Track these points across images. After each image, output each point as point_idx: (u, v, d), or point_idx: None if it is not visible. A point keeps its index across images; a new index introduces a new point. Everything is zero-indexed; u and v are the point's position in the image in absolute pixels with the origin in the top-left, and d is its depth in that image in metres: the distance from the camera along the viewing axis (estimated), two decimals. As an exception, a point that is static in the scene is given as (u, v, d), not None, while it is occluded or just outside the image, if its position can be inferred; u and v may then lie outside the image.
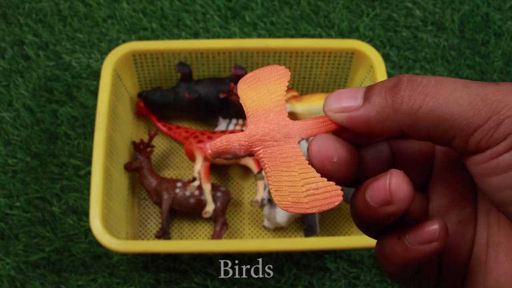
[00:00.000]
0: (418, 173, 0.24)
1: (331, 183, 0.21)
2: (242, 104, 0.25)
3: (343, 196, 0.21)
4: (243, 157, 0.24)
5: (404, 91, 0.20)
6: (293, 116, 0.79)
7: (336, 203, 0.21)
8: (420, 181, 0.24)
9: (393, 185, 0.20)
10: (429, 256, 0.21)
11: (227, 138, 0.23)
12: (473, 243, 0.23)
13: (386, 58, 0.89)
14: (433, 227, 0.21)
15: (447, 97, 0.19)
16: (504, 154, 0.19)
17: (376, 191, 0.20)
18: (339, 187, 0.21)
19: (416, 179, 0.24)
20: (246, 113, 0.24)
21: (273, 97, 0.25)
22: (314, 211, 0.21)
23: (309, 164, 0.22)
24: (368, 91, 0.21)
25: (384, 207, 0.20)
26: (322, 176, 0.21)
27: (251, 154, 0.24)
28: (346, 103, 0.22)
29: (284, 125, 0.23)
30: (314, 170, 0.22)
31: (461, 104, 0.19)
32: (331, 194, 0.21)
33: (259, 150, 0.23)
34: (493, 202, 0.20)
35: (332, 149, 0.21)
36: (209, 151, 0.24)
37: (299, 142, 0.23)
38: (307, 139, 0.64)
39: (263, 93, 0.25)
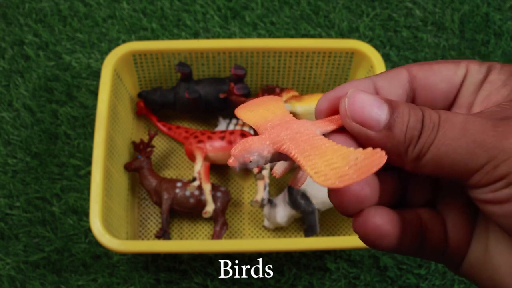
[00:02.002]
0: (426, 190, 0.25)
1: (369, 148, 0.21)
2: (248, 123, 0.24)
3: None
4: (266, 159, 0.23)
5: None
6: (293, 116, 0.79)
7: (382, 163, 0.20)
8: (428, 198, 0.25)
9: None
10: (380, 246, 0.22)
11: (245, 140, 0.23)
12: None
13: (386, 58, 0.89)
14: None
15: (447, 146, 0.21)
16: (502, 190, 0.20)
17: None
18: (379, 149, 0.21)
19: (425, 196, 0.25)
20: (255, 128, 0.24)
21: (277, 112, 0.24)
22: (362, 177, 0.20)
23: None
24: (393, 115, 0.22)
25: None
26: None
27: (273, 159, 0.23)
28: (369, 119, 0.22)
29: (299, 124, 0.23)
30: (346, 147, 0.22)
31: (459, 153, 0.20)
32: (373, 158, 0.20)
33: (284, 144, 0.22)
34: (494, 222, 0.22)
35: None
36: (231, 159, 0.23)
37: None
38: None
39: (264, 112, 0.25)
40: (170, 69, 0.82)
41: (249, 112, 0.25)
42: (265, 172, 0.76)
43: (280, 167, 0.24)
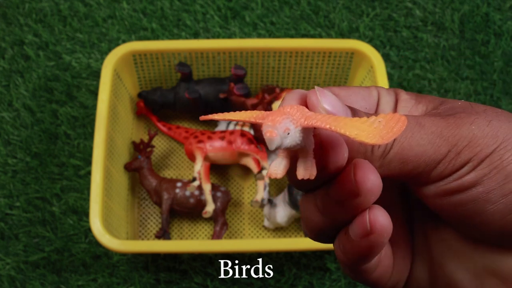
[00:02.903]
0: None
1: (389, 113, 0.20)
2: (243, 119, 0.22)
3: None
4: (298, 137, 0.20)
5: None
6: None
7: (406, 122, 0.19)
8: None
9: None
10: (371, 249, 0.21)
11: (271, 112, 0.20)
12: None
13: (386, 58, 0.89)
14: (364, 219, 0.21)
15: (409, 140, 0.21)
16: (468, 175, 0.21)
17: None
18: (397, 113, 0.20)
19: None
20: (255, 119, 0.21)
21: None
22: (396, 135, 0.19)
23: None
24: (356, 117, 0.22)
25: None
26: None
27: (302, 140, 0.20)
28: (340, 112, 0.21)
29: (300, 107, 0.21)
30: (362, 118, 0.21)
31: (422, 144, 0.21)
32: (395, 119, 0.19)
33: (310, 117, 0.20)
34: (449, 221, 0.22)
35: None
36: (268, 133, 0.19)
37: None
38: None
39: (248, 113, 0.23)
40: (170, 69, 0.82)
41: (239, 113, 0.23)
42: (265, 172, 0.76)
43: (278, 166, 0.21)
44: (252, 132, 0.80)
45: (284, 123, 0.20)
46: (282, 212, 0.75)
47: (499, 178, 0.20)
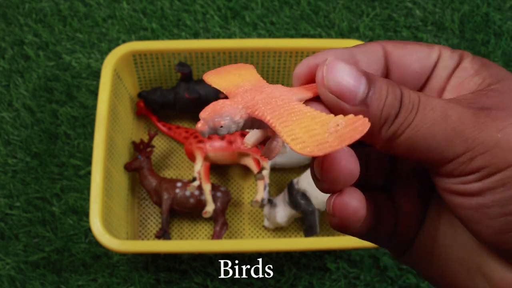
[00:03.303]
0: (381, 173, 0.25)
1: (351, 115, 0.19)
2: (218, 88, 0.22)
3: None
4: (238, 124, 0.21)
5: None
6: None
7: (365, 130, 0.19)
8: (382, 181, 0.25)
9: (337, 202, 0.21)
10: (342, 227, 0.21)
11: (216, 103, 0.21)
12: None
13: (386, 58, 0.89)
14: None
15: (425, 130, 0.20)
16: (473, 183, 0.20)
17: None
18: (361, 116, 0.19)
19: (379, 179, 0.25)
20: (226, 93, 0.22)
21: (249, 78, 0.22)
22: (344, 144, 0.18)
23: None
24: (370, 90, 0.20)
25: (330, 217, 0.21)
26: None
27: (246, 125, 0.21)
28: (345, 91, 0.20)
29: (274, 89, 0.21)
30: (326, 113, 0.20)
31: (437, 139, 0.20)
32: (356, 124, 0.19)
33: (258, 108, 0.20)
34: (453, 212, 0.22)
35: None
36: (200, 123, 0.20)
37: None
38: None
39: (236, 78, 0.23)
40: (170, 69, 0.82)
41: (218, 77, 0.23)
42: (265, 172, 0.76)
43: (252, 136, 0.22)
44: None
45: (218, 117, 0.20)
46: (282, 212, 0.75)
47: (504, 196, 0.19)
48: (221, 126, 0.20)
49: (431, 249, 0.24)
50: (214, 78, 0.23)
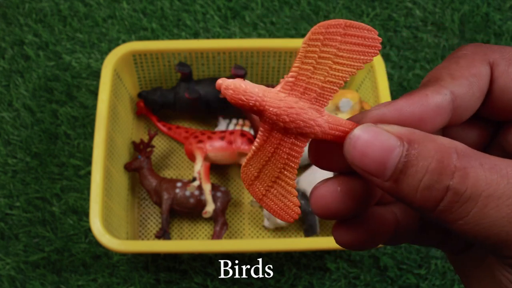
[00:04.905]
0: None
1: (296, 200, 0.20)
2: (303, 57, 0.20)
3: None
4: (252, 109, 0.20)
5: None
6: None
7: (290, 220, 0.19)
8: None
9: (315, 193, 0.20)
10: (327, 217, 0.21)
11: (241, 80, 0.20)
12: None
13: (386, 58, 0.89)
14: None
15: (492, 224, 0.16)
16: None
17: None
18: (299, 206, 0.20)
19: None
20: (293, 72, 0.20)
21: (331, 72, 0.20)
22: (264, 206, 0.20)
23: (295, 172, 0.20)
24: (406, 164, 0.17)
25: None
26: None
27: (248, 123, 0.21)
28: (372, 168, 0.18)
29: (308, 108, 0.20)
30: (294, 180, 0.20)
31: (502, 225, 0.16)
32: (288, 209, 0.20)
33: (267, 112, 0.19)
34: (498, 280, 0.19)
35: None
36: (220, 80, 0.20)
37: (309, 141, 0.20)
38: None
39: (327, 58, 0.20)
40: (170, 69, 0.82)
41: (319, 46, 0.20)
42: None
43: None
44: (252, 132, 0.80)
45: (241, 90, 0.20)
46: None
47: None
48: (238, 103, 0.20)
49: None
50: (315, 45, 0.20)
